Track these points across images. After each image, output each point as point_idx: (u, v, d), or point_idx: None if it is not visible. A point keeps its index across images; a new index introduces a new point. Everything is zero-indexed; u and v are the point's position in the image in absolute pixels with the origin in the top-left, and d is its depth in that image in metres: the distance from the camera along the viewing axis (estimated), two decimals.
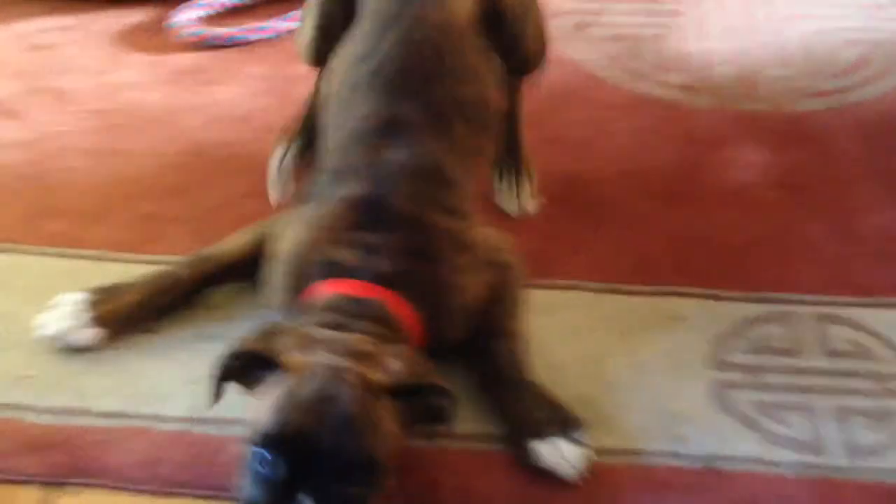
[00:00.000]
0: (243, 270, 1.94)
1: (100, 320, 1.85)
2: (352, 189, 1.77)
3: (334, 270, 1.67)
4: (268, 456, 1.39)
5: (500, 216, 2.11)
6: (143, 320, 1.89)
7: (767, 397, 1.79)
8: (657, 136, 2.37)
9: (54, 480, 1.65)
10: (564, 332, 1.90)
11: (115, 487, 1.65)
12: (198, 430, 1.73)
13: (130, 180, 2.25)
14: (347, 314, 1.59)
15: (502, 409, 1.73)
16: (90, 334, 1.85)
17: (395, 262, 1.67)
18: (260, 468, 1.40)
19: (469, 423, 1.73)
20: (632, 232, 2.11)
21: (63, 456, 1.69)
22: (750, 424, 1.75)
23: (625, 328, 1.91)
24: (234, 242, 1.96)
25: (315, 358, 1.46)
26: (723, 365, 1.85)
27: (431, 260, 1.71)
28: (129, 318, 1.88)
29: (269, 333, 1.53)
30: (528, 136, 2.24)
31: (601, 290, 1.99)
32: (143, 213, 2.16)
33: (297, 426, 1.39)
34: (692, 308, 1.95)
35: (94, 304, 1.86)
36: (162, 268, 1.96)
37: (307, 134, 2.20)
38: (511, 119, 2.14)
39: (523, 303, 1.87)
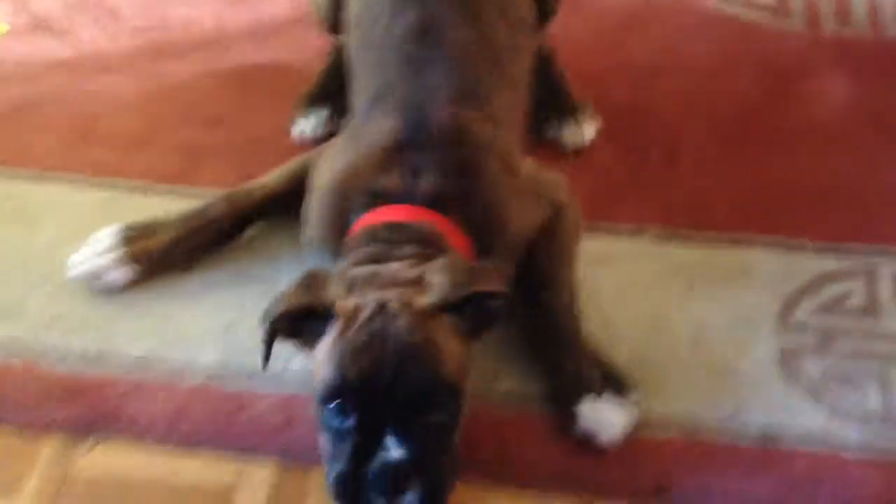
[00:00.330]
0: (284, 206, 1.84)
1: (133, 257, 1.78)
2: (392, 108, 1.65)
3: (377, 199, 1.58)
4: (340, 408, 1.35)
5: (552, 154, 1.95)
6: (179, 259, 1.81)
7: (838, 364, 1.64)
8: (733, 64, 2.16)
9: (75, 431, 1.61)
10: (621, 284, 1.76)
11: (134, 440, 1.60)
12: (225, 383, 1.66)
13: (175, 105, 2.15)
14: (390, 242, 1.51)
15: (550, 367, 1.61)
16: (123, 272, 1.78)
17: (440, 183, 1.57)
18: (336, 422, 1.36)
19: (513, 380, 1.63)
20: (699, 173, 1.94)
21: (86, 406, 1.63)
22: (816, 395, 1.60)
23: (687, 282, 1.76)
24: (274, 176, 1.86)
25: (361, 298, 1.40)
26: (792, 327, 1.69)
27: (479, 177, 1.59)
28: (164, 256, 1.80)
29: (312, 283, 1.45)
30: (591, 62, 2.10)
31: (662, 237, 1.83)
32: (186, 142, 2.06)
33: (359, 370, 1.34)
34: (762, 260, 1.78)
35: (128, 241, 1.79)
36: (199, 203, 1.87)
37: (329, 99, 2.05)
38: (547, 62, 2.00)
39: (577, 249, 1.73)
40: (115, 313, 1.76)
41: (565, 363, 1.59)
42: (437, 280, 1.41)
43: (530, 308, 1.66)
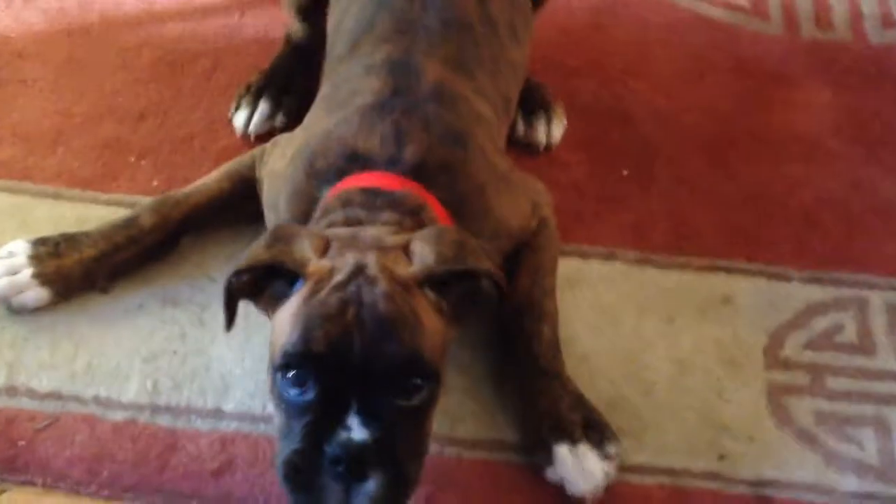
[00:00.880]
0: (222, 214, 1.65)
1: (45, 278, 1.56)
2: (376, 65, 1.48)
3: (355, 164, 1.40)
4: (299, 377, 1.18)
5: (518, 163, 1.78)
6: (98, 280, 1.60)
7: (830, 407, 1.51)
8: (710, 68, 2.01)
9: None
10: (595, 313, 1.61)
11: (48, 486, 1.40)
12: (151, 420, 1.46)
13: (92, 98, 1.92)
14: (368, 208, 1.35)
15: (527, 399, 1.46)
16: (34, 295, 1.56)
17: (426, 151, 1.40)
18: (293, 394, 1.18)
19: (479, 424, 1.47)
20: (676, 188, 1.79)
21: None
22: (808, 441, 1.47)
23: (666, 312, 1.61)
24: (209, 179, 1.66)
25: (336, 260, 1.22)
26: (780, 364, 1.56)
27: (467, 150, 1.43)
28: (82, 277, 1.59)
29: (281, 239, 1.26)
30: (559, 61, 1.95)
31: (638, 261, 1.68)
32: (105, 140, 1.85)
33: (326, 337, 1.17)
34: (745, 288, 1.65)
35: (40, 259, 1.57)
36: (121, 214, 1.66)
37: (275, 93, 1.85)
38: None
39: (556, 272, 1.58)
40: (23, 339, 1.55)
41: (543, 398, 1.44)
42: (423, 250, 1.25)
43: (507, 334, 1.50)
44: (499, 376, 1.51)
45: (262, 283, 1.26)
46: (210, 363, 1.52)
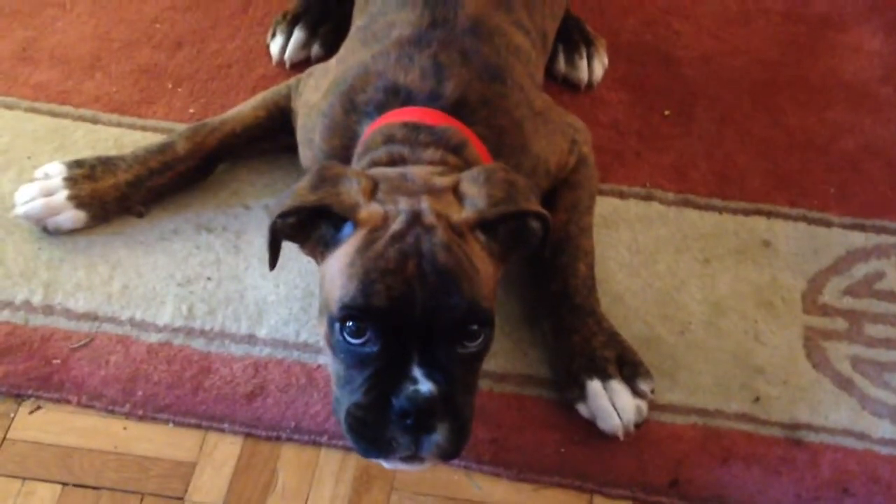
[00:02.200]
0: (258, 142, 1.64)
1: (80, 201, 1.56)
2: None
3: (395, 98, 1.37)
4: (360, 329, 1.16)
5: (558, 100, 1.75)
6: (134, 204, 1.59)
7: (868, 353, 1.49)
8: (758, 11, 1.96)
9: (13, 392, 1.41)
10: (631, 253, 1.59)
11: (82, 405, 1.41)
12: (185, 343, 1.46)
13: (131, 24, 1.91)
14: (411, 143, 1.32)
15: (561, 338, 1.44)
16: (70, 217, 1.55)
17: (466, 85, 1.37)
18: (355, 345, 1.17)
19: (509, 360, 1.46)
20: (718, 130, 1.76)
21: (25, 363, 1.44)
22: (844, 386, 1.45)
23: (704, 253, 1.59)
24: (245, 107, 1.65)
25: (387, 205, 1.20)
26: (818, 308, 1.53)
27: (505, 85, 1.41)
28: (116, 200, 1.58)
29: (326, 180, 1.23)
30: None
31: (677, 202, 1.66)
32: (142, 66, 1.84)
33: (388, 292, 1.14)
34: (786, 232, 1.62)
35: (77, 181, 1.56)
36: (157, 139, 1.66)
37: (311, 22, 1.82)
38: None
39: (594, 211, 1.56)
40: (59, 260, 1.55)
41: (576, 334, 1.42)
42: (474, 191, 1.22)
43: (542, 270, 1.49)
44: (532, 312, 1.50)
45: (307, 226, 1.23)
46: (244, 290, 1.52)
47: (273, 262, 1.26)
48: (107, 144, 1.71)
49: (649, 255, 1.58)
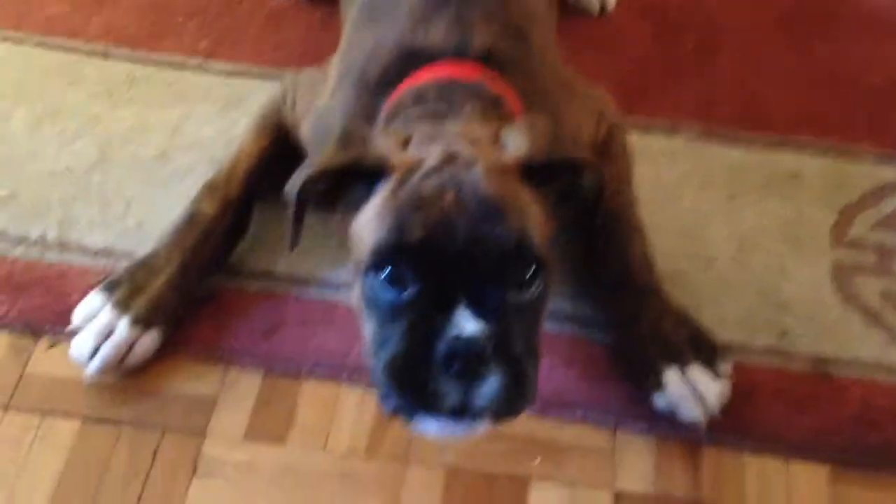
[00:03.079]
0: (273, 171, 1.42)
1: (146, 319, 1.34)
2: None
3: (415, 63, 1.27)
4: (395, 275, 1.04)
5: (573, 31, 1.70)
6: (193, 289, 1.40)
7: None
8: None
9: (30, 328, 1.39)
10: (655, 188, 1.55)
11: None
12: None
13: None
14: (448, 101, 1.21)
15: (627, 325, 1.34)
16: (143, 344, 1.33)
17: (493, 38, 1.28)
18: (389, 295, 1.05)
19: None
20: (743, 62, 1.72)
21: (41, 299, 1.42)
22: (873, 320, 1.42)
23: (731, 188, 1.56)
24: (242, 147, 1.48)
25: (420, 150, 1.11)
26: (847, 243, 1.50)
27: (529, 45, 1.33)
28: (177, 298, 1.37)
29: (354, 139, 1.13)
30: None
31: (702, 135, 1.62)
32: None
33: (424, 226, 1.03)
34: (814, 166, 1.58)
35: (125, 303, 1.34)
36: (168, 74, 1.62)
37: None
38: None
39: (633, 183, 1.47)
40: (72, 198, 1.53)
41: (643, 319, 1.33)
42: (517, 140, 1.12)
43: (595, 258, 1.39)
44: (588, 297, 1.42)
45: (337, 191, 1.13)
46: (261, 227, 1.50)
47: (295, 240, 1.16)
48: (119, 79, 1.68)
49: (673, 190, 1.55)
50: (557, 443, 1.31)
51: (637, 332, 1.33)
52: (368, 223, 1.09)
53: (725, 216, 1.52)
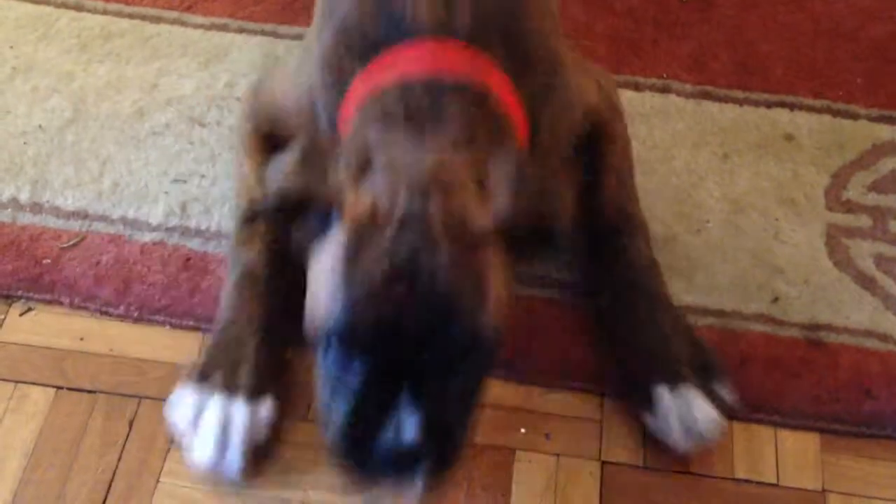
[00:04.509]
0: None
1: (253, 389, 1.22)
2: None
3: (400, 30, 1.12)
4: (343, 358, 1.02)
5: None
6: (284, 342, 1.28)
7: (892, 251, 1.43)
8: None
9: (3, 293, 1.35)
10: (646, 149, 1.51)
11: (76, 306, 1.35)
12: (180, 242, 1.40)
13: None
14: (426, 104, 1.08)
15: (623, 330, 1.27)
16: (263, 417, 1.21)
17: (481, 11, 1.14)
18: (338, 371, 1.03)
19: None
20: (739, 16, 1.67)
21: (13, 263, 1.38)
22: (867, 285, 1.39)
23: (724, 148, 1.52)
24: (244, 176, 1.37)
25: (385, 197, 1.01)
26: (841, 205, 1.47)
27: (524, 20, 1.18)
28: (274, 356, 1.26)
29: (312, 158, 1.06)
30: None
31: (697, 94, 1.58)
32: None
33: (375, 318, 0.98)
34: (809, 125, 1.54)
35: (231, 385, 1.22)
36: (145, 27, 1.57)
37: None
38: None
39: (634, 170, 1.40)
40: (46, 156, 1.48)
41: (643, 325, 1.26)
42: (500, 192, 1.03)
43: (604, 250, 1.32)
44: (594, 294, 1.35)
45: (292, 218, 1.08)
46: None
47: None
48: (92, 33, 1.63)
49: (666, 150, 1.51)
50: (544, 412, 1.28)
51: (632, 340, 1.26)
52: (320, 285, 1.03)
53: (719, 177, 1.49)
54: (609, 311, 1.30)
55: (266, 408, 1.21)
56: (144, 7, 1.66)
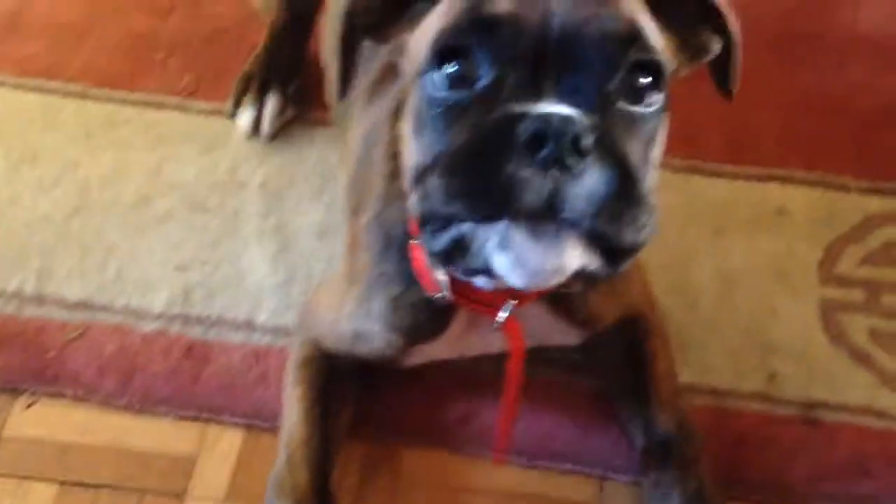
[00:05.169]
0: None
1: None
2: None
3: None
4: (467, 65, 0.82)
5: None
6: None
7: (887, 325, 1.44)
8: None
9: (9, 386, 1.38)
10: None
11: (79, 398, 1.37)
12: (182, 331, 1.43)
13: None
14: None
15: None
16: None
17: None
18: (455, 91, 0.83)
19: None
20: None
21: (17, 355, 1.40)
22: (862, 360, 1.40)
23: (714, 223, 1.53)
24: (294, 426, 1.27)
25: None
26: (834, 279, 1.48)
27: None
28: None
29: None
30: None
31: (687, 168, 1.59)
32: (133, 34, 1.78)
33: None
34: (801, 199, 1.56)
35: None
36: (148, 114, 1.61)
37: (282, 81, 1.60)
38: None
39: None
40: (51, 247, 1.51)
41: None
42: None
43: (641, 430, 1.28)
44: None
45: (390, 11, 0.91)
46: (243, 273, 1.48)
47: (344, 84, 0.94)
48: (97, 121, 1.66)
49: (660, 226, 1.52)
50: (543, 495, 1.30)
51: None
52: (428, 24, 0.88)
53: (711, 252, 1.50)
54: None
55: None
56: (148, 94, 1.69)
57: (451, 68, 0.83)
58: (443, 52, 0.83)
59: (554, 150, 0.77)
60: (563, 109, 0.78)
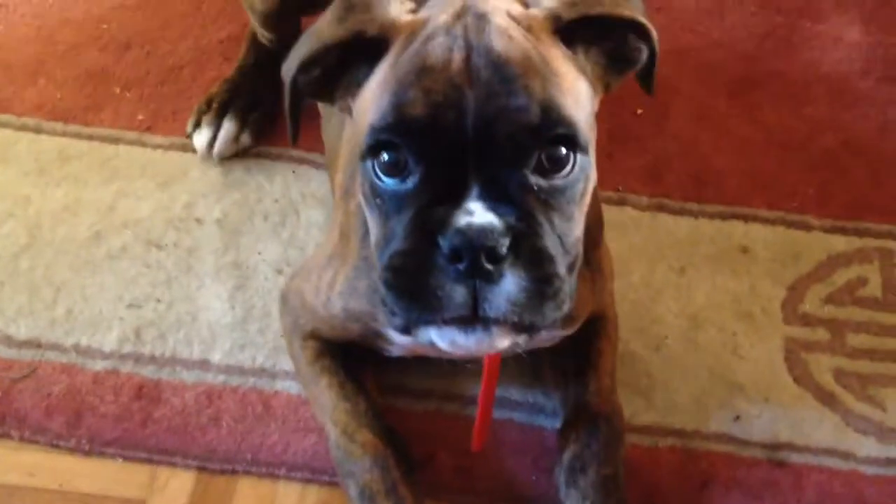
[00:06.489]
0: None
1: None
2: None
3: None
4: (396, 159, 0.90)
5: None
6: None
7: (851, 365, 1.43)
8: (735, 3, 1.88)
9: None
10: None
11: (25, 439, 1.33)
12: (133, 370, 1.38)
13: (78, 24, 1.81)
14: None
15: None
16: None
17: None
18: (390, 184, 0.91)
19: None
20: (693, 129, 1.69)
21: None
22: (827, 401, 1.39)
23: (680, 261, 1.52)
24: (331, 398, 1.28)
25: (431, 10, 0.95)
26: (798, 318, 1.47)
27: None
28: None
29: (355, 6, 0.97)
30: None
31: (653, 206, 1.58)
32: (88, 69, 1.75)
33: (426, 95, 0.87)
34: (764, 237, 1.55)
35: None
36: (103, 149, 1.61)
37: (242, 109, 1.61)
38: None
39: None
40: (1, 283, 1.47)
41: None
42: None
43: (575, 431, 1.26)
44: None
45: (336, 73, 0.98)
46: (197, 311, 1.44)
47: (295, 132, 1.01)
48: (51, 156, 1.62)
49: (623, 264, 1.51)
50: None
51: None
52: (367, 102, 0.95)
53: (676, 292, 1.49)
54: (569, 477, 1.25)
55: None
56: (103, 128, 1.66)
57: (386, 157, 0.92)
58: (373, 148, 0.92)
59: (472, 262, 0.87)
60: (480, 217, 0.87)
